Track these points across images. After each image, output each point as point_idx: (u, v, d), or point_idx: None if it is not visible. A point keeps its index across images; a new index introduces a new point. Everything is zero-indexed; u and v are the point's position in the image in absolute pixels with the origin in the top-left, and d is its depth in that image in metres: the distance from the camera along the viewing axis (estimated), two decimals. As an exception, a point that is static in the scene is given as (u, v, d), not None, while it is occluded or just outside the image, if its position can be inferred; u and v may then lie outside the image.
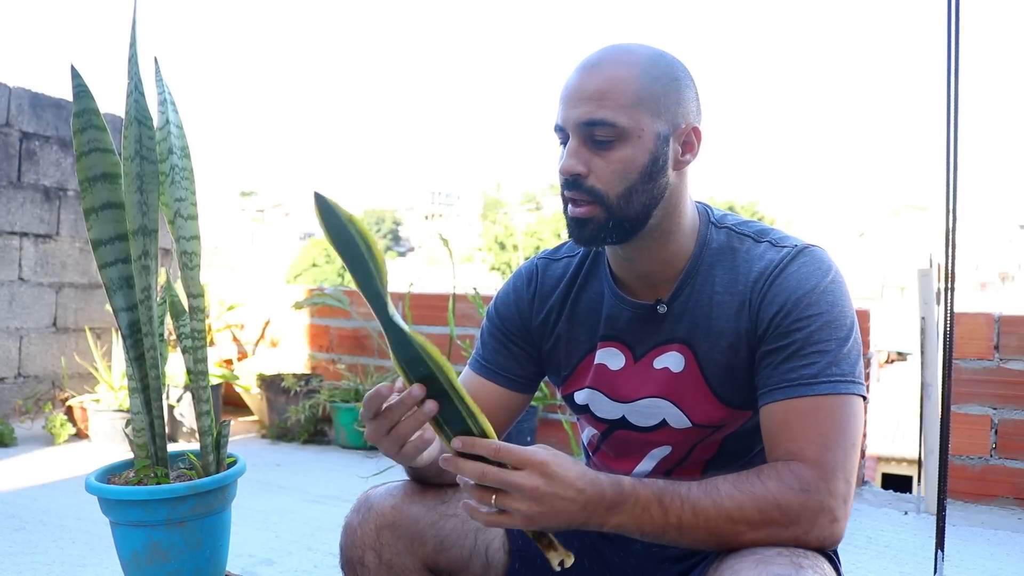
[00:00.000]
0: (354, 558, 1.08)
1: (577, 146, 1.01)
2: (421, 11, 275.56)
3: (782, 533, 0.91)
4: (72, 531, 2.31)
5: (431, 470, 1.06)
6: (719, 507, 0.90)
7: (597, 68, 1.02)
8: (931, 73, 1.86)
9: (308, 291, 4.15)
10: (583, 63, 1.04)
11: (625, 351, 1.12)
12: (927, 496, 2.64)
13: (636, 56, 1.02)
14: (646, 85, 1.01)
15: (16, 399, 3.77)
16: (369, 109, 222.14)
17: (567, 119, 1.02)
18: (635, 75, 1.01)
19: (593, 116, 0.99)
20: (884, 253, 44.58)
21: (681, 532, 0.90)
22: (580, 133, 1.01)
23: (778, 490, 0.91)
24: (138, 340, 1.50)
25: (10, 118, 3.82)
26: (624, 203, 1.02)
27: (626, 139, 1.00)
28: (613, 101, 0.99)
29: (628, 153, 1.00)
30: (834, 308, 0.99)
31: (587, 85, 1.01)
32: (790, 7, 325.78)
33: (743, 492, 0.91)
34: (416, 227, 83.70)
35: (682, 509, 0.90)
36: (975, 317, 2.78)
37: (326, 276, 40.97)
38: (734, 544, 0.91)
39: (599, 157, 1.01)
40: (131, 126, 1.42)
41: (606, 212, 1.01)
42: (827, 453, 0.92)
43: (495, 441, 0.87)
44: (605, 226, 1.02)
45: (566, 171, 1.01)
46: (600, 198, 1.01)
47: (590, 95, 1.00)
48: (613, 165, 1.00)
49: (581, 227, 1.03)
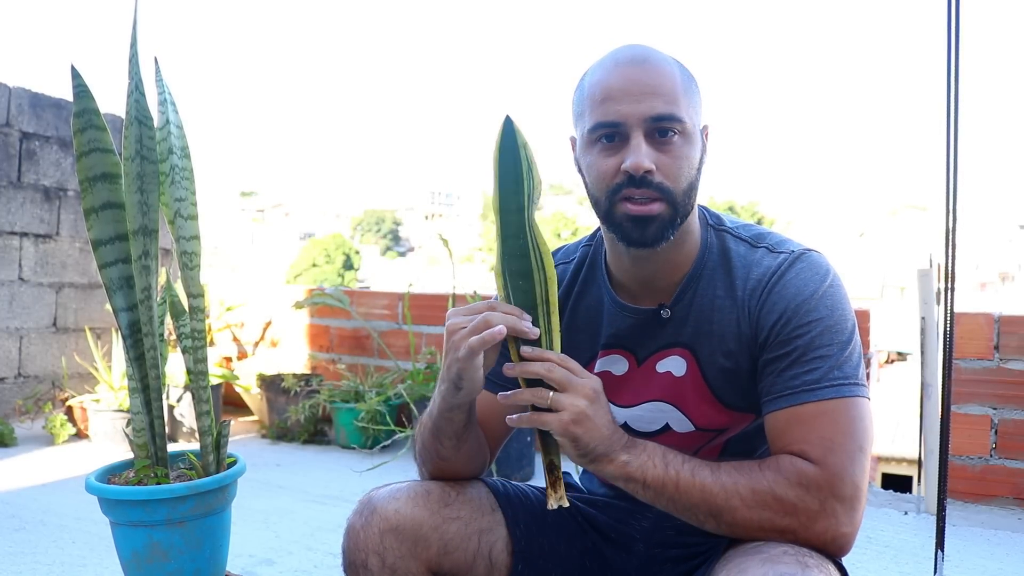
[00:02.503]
0: (357, 561, 1.07)
1: (643, 142, 0.98)
2: (421, 11, 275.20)
3: (777, 522, 0.91)
4: (72, 531, 2.31)
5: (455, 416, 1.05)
6: (716, 478, 0.93)
7: (649, 64, 1.00)
8: (931, 73, 1.87)
9: (308, 291, 4.15)
10: (626, 59, 1.01)
11: (628, 356, 1.12)
12: (927, 496, 2.63)
13: (665, 56, 1.03)
14: (684, 83, 1.02)
15: (16, 399, 3.77)
16: (369, 109, 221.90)
17: (629, 114, 0.98)
18: (677, 72, 1.02)
19: (662, 111, 0.98)
20: (884, 253, 44.58)
21: (679, 490, 0.93)
22: (645, 128, 0.98)
23: (774, 480, 0.92)
24: (138, 340, 1.50)
25: (10, 118, 3.81)
26: (687, 199, 1.02)
27: (686, 135, 1.00)
28: (673, 96, 0.99)
29: (688, 150, 1.01)
30: (834, 312, 0.99)
31: (647, 80, 0.99)
32: (790, 7, 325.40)
33: (741, 473, 0.93)
34: (416, 227, 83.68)
35: (681, 467, 0.94)
36: (975, 317, 2.78)
37: (326, 276, 40.96)
38: (728, 519, 0.92)
39: (663, 153, 0.99)
40: (131, 126, 1.42)
41: (672, 209, 1.00)
42: (831, 456, 0.92)
43: (561, 354, 0.97)
44: (671, 223, 1.01)
45: (638, 168, 0.97)
46: (668, 194, 1.00)
47: (654, 89, 0.98)
48: (679, 161, 1.00)
49: (644, 225, 1.00)
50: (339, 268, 43.15)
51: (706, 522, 0.94)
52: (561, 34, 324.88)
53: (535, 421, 0.94)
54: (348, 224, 79.11)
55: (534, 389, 0.95)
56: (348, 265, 44.30)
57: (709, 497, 0.92)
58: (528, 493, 1.20)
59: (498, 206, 0.96)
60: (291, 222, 75.65)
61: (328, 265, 43.15)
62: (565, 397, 0.93)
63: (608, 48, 1.07)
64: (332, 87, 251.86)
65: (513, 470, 2.95)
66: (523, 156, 0.95)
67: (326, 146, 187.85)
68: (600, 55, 1.07)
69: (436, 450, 1.10)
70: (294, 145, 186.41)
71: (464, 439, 1.09)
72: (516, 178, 0.95)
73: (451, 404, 1.03)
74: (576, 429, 0.92)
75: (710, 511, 0.93)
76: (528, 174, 0.95)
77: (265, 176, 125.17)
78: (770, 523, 0.91)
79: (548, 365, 0.94)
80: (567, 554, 1.16)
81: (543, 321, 0.97)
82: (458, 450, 1.10)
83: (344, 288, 4.16)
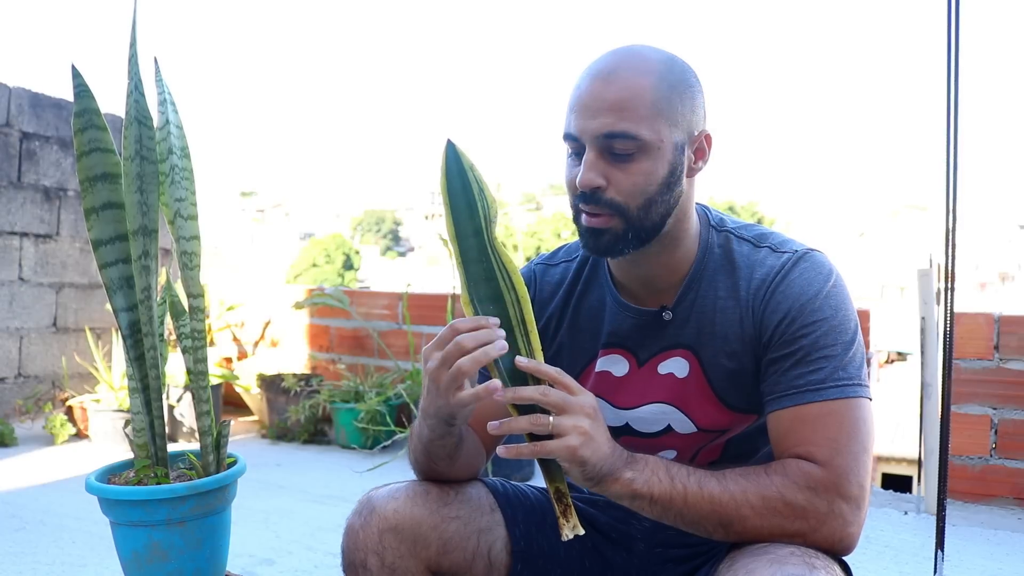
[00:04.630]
0: (356, 561, 1.07)
1: (595, 158, 0.98)
2: (422, 11, 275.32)
3: (787, 527, 0.90)
4: (72, 531, 2.31)
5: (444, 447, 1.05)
6: (724, 487, 0.91)
7: (614, 76, 0.98)
8: (931, 73, 1.86)
9: (308, 291, 4.15)
10: (596, 70, 0.99)
11: (629, 357, 1.11)
12: (927, 496, 2.63)
13: (650, 63, 0.99)
14: (664, 94, 0.98)
15: (16, 399, 3.77)
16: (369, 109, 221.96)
17: (584, 130, 0.98)
18: (653, 84, 0.97)
19: (613, 128, 0.96)
20: (884, 253, 44.60)
21: (687, 503, 0.91)
22: (598, 145, 0.97)
23: (782, 484, 0.91)
24: (138, 340, 1.50)
25: (10, 118, 3.81)
26: (643, 215, 1.00)
27: (646, 151, 0.97)
28: (633, 112, 0.96)
29: (648, 165, 0.98)
30: (838, 313, 0.99)
31: (605, 95, 0.97)
32: (790, 7, 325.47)
33: (748, 480, 0.92)
34: (416, 227, 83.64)
35: (688, 479, 0.92)
36: (975, 317, 2.78)
37: (326, 276, 40.96)
38: (739, 529, 0.91)
39: (618, 170, 0.98)
40: (131, 126, 1.42)
41: (624, 223, 1.00)
42: (837, 457, 0.92)
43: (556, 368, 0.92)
44: (623, 237, 1.00)
45: (585, 185, 0.98)
46: (619, 210, 0.99)
47: (609, 106, 0.96)
48: (633, 178, 0.98)
49: (597, 237, 1.01)
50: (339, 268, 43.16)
51: (715, 532, 0.93)
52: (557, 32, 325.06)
53: (539, 452, 0.89)
54: (348, 224, 79.16)
55: (531, 416, 0.89)
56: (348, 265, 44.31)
57: (719, 508, 0.91)
58: (527, 493, 1.20)
59: (454, 232, 0.93)
60: (291, 222, 75.64)
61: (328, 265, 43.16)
62: (567, 419, 0.88)
63: (603, 49, 1.05)
64: (332, 87, 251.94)
65: (512, 470, 2.95)
66: (472, 178, 0.93)
67: (326, 146, 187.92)
68: (595, 55, 1.05)
69: (430, 466, 1.11)
70: (294, 145, 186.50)
71: (458, 455, 1.09)
72: (468, 201, 0.93)
73: (442, 434, 1.03)
74: (584, 452, 0.88)
75: (720, 522, 0.92)
76: (480, 195, 0.93)
77: (265, 176, 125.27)
78: (780, 529, 0.91)
79: (543, 389, 0.90)
80: (567, 554, 1.16)
81: (522, 343, 0.93)
82: (453, 464, 1.10)
83: (344, 288, 4.16)
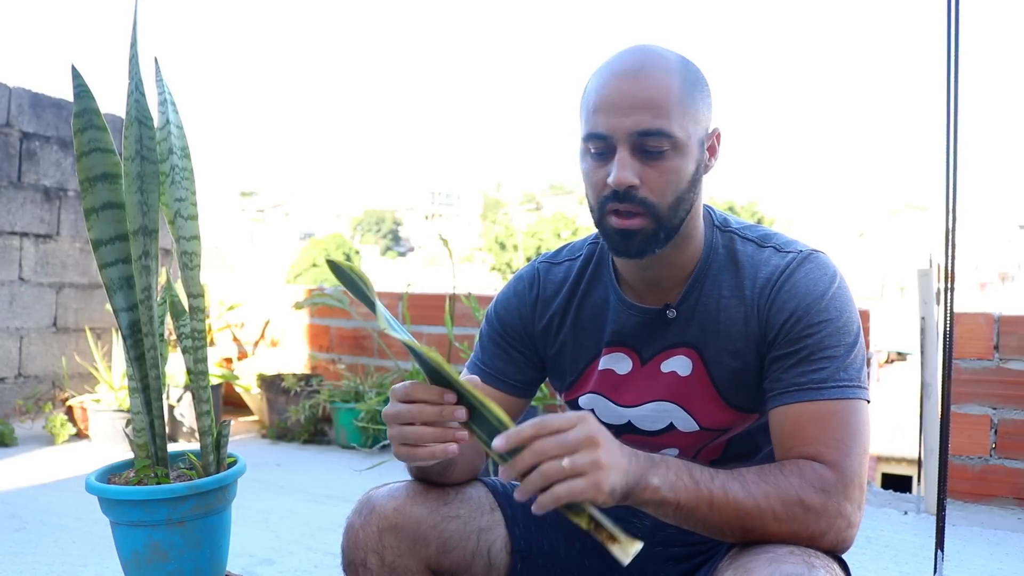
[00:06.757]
0: (356, 560, 1.08)
1: (628, 157, 0.98)
2: (422, 11, 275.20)
3: (801, 532, 0.90)
4: (72, 531, 2.31)
5: (435, 468, 1.08)
6: (748, 492, 0.90)
7: (643, 74, 0.98)
8: (931, 73, 1.86)
9: (308, 291, 4.15)
10: (621, 69, 1.00)
11: (632, 355, 1.12)
12: (927, 496, 2.63)
13: (671, 62, 1.00)
14: (687, 92, 0.99)
15: (16, 399, 3.77)
16: (370, 109, 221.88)
17: (615, 128, 0.97)
18: (678, 82, 0.99)
19: (648, 126, 0.96)
20: (884, 253, 44.62)
21: (712, 510, 0.89)
22: (631, 143, 0.98)
23: (800, 487, 0.91)
24: (138, 340, 1.50)
25: (10, 118, 3.81)
26: (672, 213, 1.00)
27: (677, 149, 0.98)
28: (665, 110, 0.97)
29: (679, 163, 0.99)
30: (843, 314, 1.00)
31: (636, 92, 0.97)
32: (790, 7, 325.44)
33: (768, 483, 0.91)
34: (416, 227, 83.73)
35: (712, 484, 0.89)
36: (975, 317, 2.78)
37: (326, 276, 40.90)
38: (757, 534, 0.91)
39: (650, 168, 0.98)
40: (131, 126, 1.42)
41: (655, 223, 1.00)
42: (846, 459, 0.93)
43: (532, 421, 0.83)
44: (655, 237, 1.01)
45: (620, 183, 0.97)
46: (651, 209, 0.99)
47: (643, 103, 0.97)
48: (666, 176, 0.98)
49: (628, 239, 1.00)
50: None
51: (731, 537, 0.93)
52: (562, 33, 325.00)
53: (564, 498, 0.80)
54: (348, 224, 79.20)
55: (541, 469, 0.81)
56: (348, 265, 44.14)
57: (743, 515, 0.89)
58: (528, 492, 1.20)
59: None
60: (291, 222, 75.71)
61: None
62: (580, 457, 0.81)
63: (612, 51, 1.06)
64: (332, 87, 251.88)
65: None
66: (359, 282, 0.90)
67: (326, 146, 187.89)
68: (606, 56, 1.05)
69: (425, 479, 1.13)
70: (294, 145, 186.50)
71: (452, 469, 1.11)
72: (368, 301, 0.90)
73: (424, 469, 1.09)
74: (610, 481, 0.82)
75: (742, 527, 0.90)
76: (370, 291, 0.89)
77: (265, 176, 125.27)
78: (795, 534, 0.90)
79: (536, 449, 0.81)
80: (566, 553, 1.16)
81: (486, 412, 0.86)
82: (449, 476, 1.12)
83: (344, 288, 4.15)
